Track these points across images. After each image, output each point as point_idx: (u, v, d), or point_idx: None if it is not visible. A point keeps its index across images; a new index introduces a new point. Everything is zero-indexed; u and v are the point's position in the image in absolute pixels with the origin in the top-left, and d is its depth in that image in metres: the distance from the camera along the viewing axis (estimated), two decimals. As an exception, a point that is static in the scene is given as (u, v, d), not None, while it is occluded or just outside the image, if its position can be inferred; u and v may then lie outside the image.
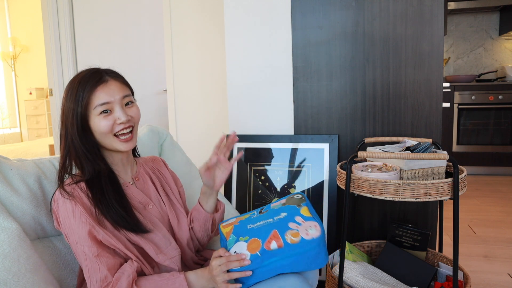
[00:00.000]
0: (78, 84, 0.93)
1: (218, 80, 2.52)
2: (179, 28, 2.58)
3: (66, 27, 2.91)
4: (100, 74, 0.96)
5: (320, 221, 0.94)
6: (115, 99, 0.95)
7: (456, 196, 1.13)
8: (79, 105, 0.92)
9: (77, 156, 0.95)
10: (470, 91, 3.66)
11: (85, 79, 0.94)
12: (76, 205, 0.90)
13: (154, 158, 1.20)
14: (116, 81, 0.97)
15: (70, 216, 0.89)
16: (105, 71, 0.98)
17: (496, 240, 2.24)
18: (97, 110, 0.93)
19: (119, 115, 0.95)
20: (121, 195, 0.97)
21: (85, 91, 0.92)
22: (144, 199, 1.05)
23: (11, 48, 5.48)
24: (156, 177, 1.13)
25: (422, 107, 1.61)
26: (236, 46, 1.79)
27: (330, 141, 1.68)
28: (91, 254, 0.87)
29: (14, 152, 4.08)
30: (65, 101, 0.96)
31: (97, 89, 0.93)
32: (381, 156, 1.19)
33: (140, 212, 1.00)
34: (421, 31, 1.58)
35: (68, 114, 0.94)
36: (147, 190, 1.08)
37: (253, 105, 1.80)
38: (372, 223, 1.70)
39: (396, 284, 1.31)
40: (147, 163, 1.16)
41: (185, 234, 1.08)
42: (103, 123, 0.94)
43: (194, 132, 2.58)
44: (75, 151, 0.95)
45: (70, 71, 2.95)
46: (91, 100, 0.93)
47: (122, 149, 0.98)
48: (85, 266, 0.88)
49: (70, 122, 0.94)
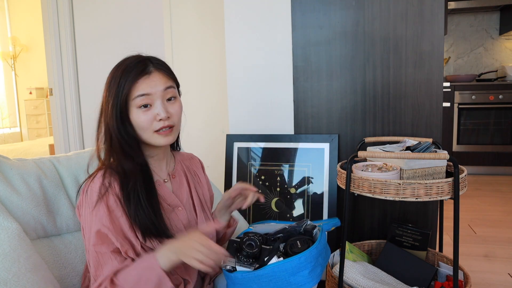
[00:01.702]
0: (121, 74, 0.89)
1: (218, 80, 2.52)
2: (179, 27, 2.58)
3: (66, 27, 2.91)
4: (145, 64, 0.91)
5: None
6: (156, 92, 0.90)
7: (457, 195, 1.13)
8: (120, 96, 0.88)
9: (114, 149, 0.91)
10: (470, 90, 3.66)
11: (129, 69, 0.89)
12: (101, 203, 0.86)
13: (192, 157, 1.15)
14: (159, 72, 0.92)
15: (92, 209, 0.86)
16: (150, 60, 0.92)
17: (496, 240, 2.24)
18: (136, 102, 0.88)
19: (159, 111, 0.90)
20: (154, 196, 0.91)
21: (127, 81, 0.88)
22: (175, 201, 0.99)
23: (11, 48, 5.48)
24: (192, 178, 1.08)
25: (422, 107, 1.61)
26: (236, 46, 1.79)
27: (330, 140, 1.68)
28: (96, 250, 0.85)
29: (14, 152, 4.09)
30: (107, 89, 0.91)
31: (139, 80, 0.88)
32: (381, 156, 1.19)
33: (167, 215, 0.95)
34: (422, 30, 1.58)
35: (108, 104, 0.90)
36: (180, 191, 1.02)
37: (253, 105, 1.80)
38: (372, 222, 1.70)
39: (396, 284, 1.31)
40: (184, 160, 1.10)
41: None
42: (142, 118, 0.89)
43: (194, 132, 2.58)
44: (112, 141, 0.91)
45: (70, 71, 2.95)
46: (131, 91, 0.88)
47: (161, 144, 0.93)
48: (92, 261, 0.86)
49: (110, 113, 0.89)
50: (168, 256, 0.83)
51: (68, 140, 3.00)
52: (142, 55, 0.95)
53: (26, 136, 5.56)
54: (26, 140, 5.46)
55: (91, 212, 0.86)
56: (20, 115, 5.72)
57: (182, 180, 1.04)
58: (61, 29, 2.92)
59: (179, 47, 2.59)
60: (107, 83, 0.92)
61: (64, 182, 1.11)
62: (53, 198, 1.06)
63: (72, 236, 1.09)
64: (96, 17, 2.94)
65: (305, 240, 0.93)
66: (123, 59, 0.94)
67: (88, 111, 3.01)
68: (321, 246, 0.92)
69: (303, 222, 1.02)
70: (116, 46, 2.90)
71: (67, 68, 2.95)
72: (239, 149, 1.80)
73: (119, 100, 0.88)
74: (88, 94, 3.00)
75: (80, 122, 3.03)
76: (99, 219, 0.86)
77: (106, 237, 0.86)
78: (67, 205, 1.08)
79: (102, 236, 0.86)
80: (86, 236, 0.87)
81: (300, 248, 0.90)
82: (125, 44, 2.91)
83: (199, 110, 2.59)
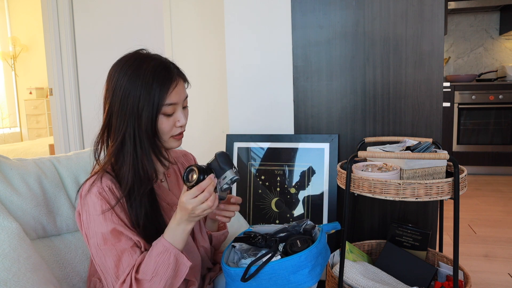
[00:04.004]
0: (152, 79, 0.86)
1: (218, 80, 2.52)
2: (179, 27, 2.58)
3: (66, 27, 2.91)
4: (171, 71, 0.90)
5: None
6: (181, 101, 0.91)
7: (457, 195, 1.13)
8: (153, 102, 0.85)
9: (127, 152, 0.87)
10: (470, 90, 3.66)
11: (159, 75, 0.87)
12: (106, 205, 0.85)
13: (185, 153, 1.16)
14: (181, 80, 0.93)
15: (97, 212, 0.85)
16: (174, 67, 0.92)
17: (496, 240, 2.24)
18: (165, 110, 0.88)
19: (180, 117, 0.91)
20: (154, 198, 0.92)
21: (161, 89, 0.86)
22: (172, 199, 1.00)
23: (11, 48, 5.48)
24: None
25: (423, 107, 1.61)
26: (236, 46, 1.79)
27: (330, 140, 1.68)
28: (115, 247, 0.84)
29: (14, 152, 4.09)
30: (131, 92, 0.85)
31: (170, 89, 0.87)
32: (382, 156, 1.18)
33: (166, 214, 0.96)
34: (422, 30, 1.58)
35: (131, 106, 0.85)
36: (176, 189, 1.03)
37: (253, 105, 1.80)
38: (372, 222, 1.70)
39: (396, 284, 1.31)
40: (178, 158, 1.11)
41: (206, 240, 1.06)
42: (165, 124, 0.89)
43: (194, 132, 2.58)
44: (124, 145, 0.87)
45: (70, 70, 2.95)
46: (163, 99, 0.87)
47: (174, 147, 0.95)
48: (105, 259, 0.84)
49: (139, 117, 0.85)
50: (180, 230, 0.85)
51: (68, 140, 3.00)
52: (162, 57, 0.93)
53: (26, 136, 5.56)
54: (26, 140, 5.46)
55: (99, 215, 0.85)
56: (20, 115, 5.72)
57: (177, 178, 1.05)
58: (61, 29, 2.92)
59: (179, 47, 2.59)
60: (131, 87, 0.86)
61: (64, 182, 1.11)
62: (53, 198, 1.06)
63: (72, 236, 1.09)
64: (96, 17, 2.94)
65: (305, 239, 0.93)
66: (139, 57, 0.90)
67: (88, 111, 3.01)
68: (321, 245, 0.92)
69: (303, 222, 1.02)
70: (116, 46, 2.90)
71: (67, 68, 2.95)
72: (239, 149, 1.80)
73: (153, 106, 0.86)
74: (88, 94, 3.00)
75: (80, 122, 3.03)
76: (110, 219, 0.85)
77: (122, 234, 0.85)
78: (67, 205, 1.08)
79: (118, 234, 0.85)
80: (95, 240, 0.85)
81: (300, 247, 0.90)
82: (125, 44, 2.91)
83: (199, 110, 2.59)
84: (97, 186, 0.87)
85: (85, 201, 0.87)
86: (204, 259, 1.05)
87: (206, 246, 1.05)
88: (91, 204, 0.86)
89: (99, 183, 0.87)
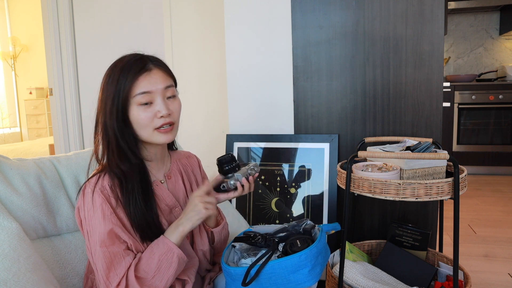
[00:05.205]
0: (120, 71, 0.87)
1: (218, 80, 2.52)
2: (179, 27, 2.58)
3: (66, 27, 2.91)
4: (144, 61, 0.90)
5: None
6: (157, 89, 0.89)
7: (457, 195, 1.13)
8: (120, 94, 0.87)
9: (113, 149, 0.90)
10: (470, 90, 3.66)
11: (128, 66, 0.88)
12: (106, 204, 0.86)
13: (189, 155, 1.14)
14: (159, 70, 0.91)
15: (97, 211, 0.85)
16: (149, 58, 0.92)
17: (496, 240, 2.24)
18: (136, 100, 0.87)
19: (160, 108, 0.89)
20: (150, 197, 0.91)
21: (127, 79, 0.87)
22: (172, 202, 0.99)
23: (11, 48, 5.48)
24: (188, 177, 1.07)
25: (423, 107, 1.61)
26: (236, 46, 1.79)
27: (330, 140, 1.68)
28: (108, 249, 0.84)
29: (14, 152, 4.09)
30: (104, 88, 0.90)
31: (139, 78, 0.87)
32: (382, 156, 1.18)
33: (165, 216, 0.96)
34: (422, 30, 1.58)
35: (107, 102, 0.88)
36: (176, 191, 1.02)
37: (253, 105, 1.80)
38: (372, 222, 1.70)
39: (396, 284, 1.31)
40: (181, 159, 1.09)
41: (205, 244, 1.05)
42: (143, 115, 0.88)
43: (194, 132, 2.58)
44: (109, 142, 0.90)
45: (70, 71, 2.95)
46: (131, 89, 0.87)
47: (161, 142, 0.92)
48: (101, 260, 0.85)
49: (109, 111, 0.88)
50: (182, 228, 0.88)
51: (68, 140, 3.00)
52: (139, 53, 0.94)
53: (26, 136, 5.56)
54: (26, 140, 5.46)
55: (97, 215, 0.85)
56: (20, 115, 5.72)
57: (178, 180, 1.04)
58: (61, 29, 2.92)
59: (179, 47, 2.59)
60: (104, 82, 0.90)
61: (64, 182, 1.11)
62: (53, 198, 1.06)
63: (72, 236, 1.09)
64: (96, 17, 2.94)
65: (304, 239, 0.93)
66: (119, 57, 0.93)
67: (88, 111, 3.01)
68: (321, 245, 0.92)
69: (303, 221, 1.02)
70: (116, 46, 2.90)
71: (67, 68, 2.95)
72: (239, 149, 1.80)
73: (119, 98, 0.87)
74: (88, 94, 3.00)
75: (80, 122, 3.03)
76: (109, 220, 0.85)
77: (118, 236, 0.85)
78: (67, 205, 1.08)
79: (114, 236, 0.85)
80: (93, 238, 0.85)
81: (300, 247, 0.90)
82: (125, 44, 2.91)
83: (199, 110, 2.59)
84: (99, 184, 0.88)
85: (86, 199, 0.87)
86: (202, 261, 1.05)
87: (204, 249, 1.05)
88: (92, 202, 0.86)
89: (101, 181, 0.88)
